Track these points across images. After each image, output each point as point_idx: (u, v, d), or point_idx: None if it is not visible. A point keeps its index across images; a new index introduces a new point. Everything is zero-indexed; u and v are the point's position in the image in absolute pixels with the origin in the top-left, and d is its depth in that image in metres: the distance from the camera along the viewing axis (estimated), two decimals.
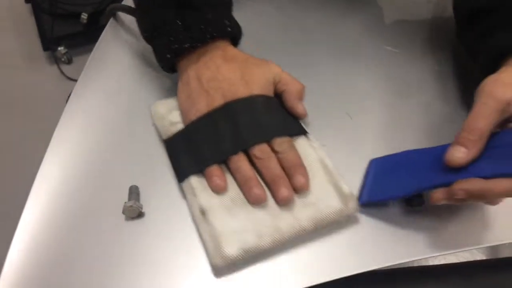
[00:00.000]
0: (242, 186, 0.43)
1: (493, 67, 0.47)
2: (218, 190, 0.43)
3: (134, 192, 0.46)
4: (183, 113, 0.48)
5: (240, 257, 0.40)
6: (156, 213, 0.46)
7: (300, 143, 0.47)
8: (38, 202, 0.47)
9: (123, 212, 0.45)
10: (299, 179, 0.42)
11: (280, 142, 0.44)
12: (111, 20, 0.63)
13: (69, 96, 0.55)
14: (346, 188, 0.44)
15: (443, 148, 0.42)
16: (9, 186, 1.23)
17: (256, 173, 0.44)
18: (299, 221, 0.41)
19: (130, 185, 0.47)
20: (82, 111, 0.54)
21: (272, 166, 0.43)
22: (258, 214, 0.42)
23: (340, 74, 0.60)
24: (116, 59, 0.59)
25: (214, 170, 0.44)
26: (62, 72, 1.55)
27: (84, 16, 1.50)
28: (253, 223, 0.41)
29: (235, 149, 0.44)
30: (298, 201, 0.43)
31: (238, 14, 0.52)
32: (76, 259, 0.43)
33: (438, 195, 0.40)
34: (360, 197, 0.47)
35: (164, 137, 0.49)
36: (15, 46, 1.65)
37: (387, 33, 0.65)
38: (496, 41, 0.48)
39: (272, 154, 0.44)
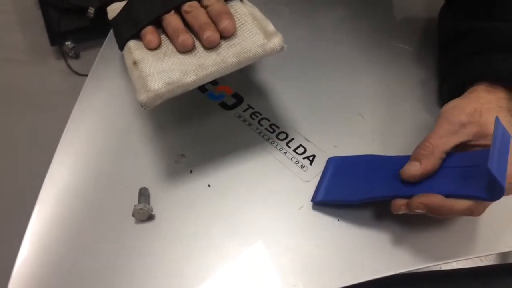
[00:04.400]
0: (171, 36, 0.45)
1: (458, 91, 0.50)
2: (151, 45, 0.45)
3: (144, 194, 0.45)
4: None
5: (163, 90, 0.41)
6: (166, 216, 0.46)
7: (233, 3, 0.47)
8: (47, 204, 0.47)
9: (133, 215, 0.44)
10: (224, 23, 0.44)
11: None
12: None
13: None
14: (271, 28, 0.45)
15: (406, 158, 0.43)
16: (18, 184, 1.23)
17: (186, 27, 0.45)
18: (223, 57, 0.43)
19: (140, 187, 0.46)
20: (91, 111, 0.54)
21: (200, 15, 0.45)
22: (186, 59, 0.44)
23: (352, 73, 0.59)
24: None
25: (148, 29, 0.46)
26: (69, 67, 1.55)
27: (91, 10, 1.49)
28: (180, 64, 0.43)
29: (166, 6, 0.46)
30: (224, 44, 0.44)
31: None
32: (85, 262, 0.43)
33: (399, 205, 0.42)
34: (315, 195, 0.47)
35: (111, 18, 0.51)
36: (22, 40, 1.65)
37: (399, 30, 0.65)
38: (461, 69, 0.51)
39: (201, 8, 0.46)
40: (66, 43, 1.56)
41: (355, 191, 0.45)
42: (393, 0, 0.70)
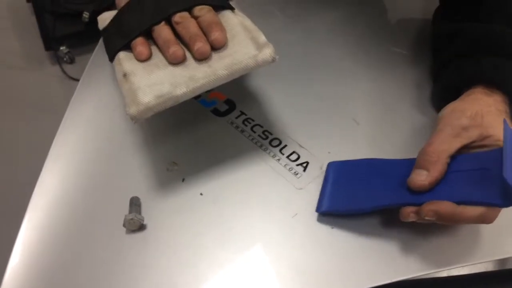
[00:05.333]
0: (162, 48, 0.44)
1: (452, 94, 0.49)
2: (141, 56, 0.44)
3: (135, 204, 0.45)
4: (117, 5, 0.50)
5: (153, 103, 0.41)
6: (158, 225, 0.45)
7: (224, 13, 0.47)
8: (37, 213, 0.46)
9: (124, 225, 0.43)
10: (215, 34, 0.43)
11: (200, 9, 0.46)
12: None
13: None
14: (262, 39, 0.44)
15: (410, 161, 0.42)
16: (10, 189, 1.22)
17: (177, 38, 0.45)
18: (214, 70, 0.42)
19: (131, 196, 0.46)
20: (82, 119, 0.54)
21: (190, 26, 0.44)
22: (176, 71, 0.43)
23: (346, 77, 0.58)
24: None
25: (138, 40, 0.45)
26: (64, 72, 1.54)
27: (86, 15, 1.49)
28: (171, 76, 0.43)
29: (156, 17, 0.45)
30: (215, 55, 0.44)
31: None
32: (76, 272, 0.42)
33: (408, 213, 0.41)
34: (319, 205, 0.46)
35: (101, 28, 0.50)
36: (17, 46, 1.64)
37: (393, 34, 0.64)
38: (454, 72, 0.51)
39: (192, 19, 0.45)
40: (61, 48, 1.55)
41: (361, 199, 0.44)
42: (387, 2, 0.69)
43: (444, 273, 0.48)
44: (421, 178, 0.41)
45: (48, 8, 1.51)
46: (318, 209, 0.46)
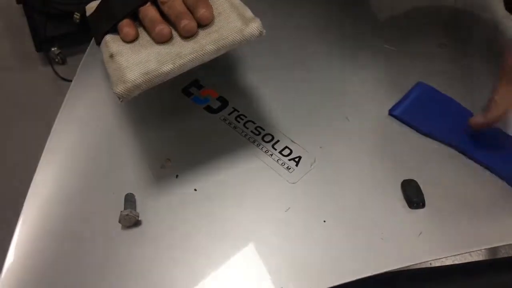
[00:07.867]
0: (148, 28, 0.45)
1: None
2: (128, 37, 0.45)
3: (130, 200, 0.45)
4: None
5: (140, 80, 0.41)
6: (153, 221, 0.45)
7: None
8: (33, 212, 0.46)
9: (119, 221, 0.44)
10: (201, 11, 0.43)
11: None
12: None
13: None
14: (249, 14, 0.44)
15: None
16: (4, 189, 1.22)
17: (163, 18, 0.45)
18: (201, 45, 0.43)
19: (126, 192, 0.46)
20: (75, 119, 0.54)
21: (176, 5, 0.44)
22: (163, 49, 0.43)
23: (337, 73, 0.59)
24: None
25: (124, 22, 0.46)
26: (56, 73, 1.54)
27: (77, 15, 1.48)
28: (157, 54, 0.43)
29: None
30: (202, 32, 0.44)
31: None
32: (72, 269, 0.43)
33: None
34: (395, 108, 0.53)
35: (88, 15, 0.51)
36: (8, 47, 1.63)
37: (385, 31, 0.65)
38: None
39: None
40: (52, 49, 1.55)
41: (427, 123, 0.52)
42: (377, 0, 0.70)
43: (437, 262, 0.49)
44: (481, 118, 0.47)
45: (38, 9, 1.50)
46: (391, 111, 0.53)
